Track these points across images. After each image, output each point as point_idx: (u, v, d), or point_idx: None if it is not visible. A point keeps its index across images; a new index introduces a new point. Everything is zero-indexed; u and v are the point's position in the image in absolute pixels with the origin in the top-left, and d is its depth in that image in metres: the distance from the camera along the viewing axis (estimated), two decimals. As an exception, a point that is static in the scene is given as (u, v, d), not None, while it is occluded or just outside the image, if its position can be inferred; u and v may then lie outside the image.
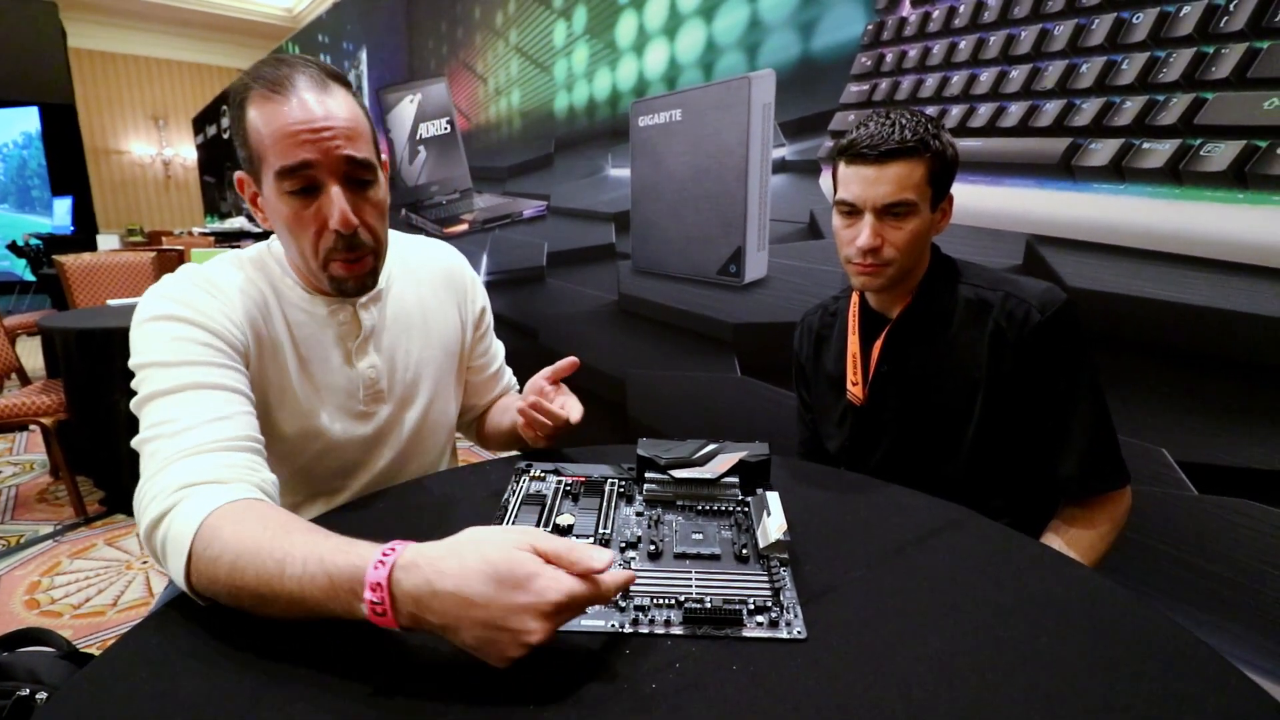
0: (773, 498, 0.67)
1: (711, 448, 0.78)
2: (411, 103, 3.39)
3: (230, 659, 0.50)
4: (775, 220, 1.82)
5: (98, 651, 0.82)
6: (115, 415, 2.21)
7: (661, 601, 0.56)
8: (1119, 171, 1.16)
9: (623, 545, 0.67)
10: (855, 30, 1.55)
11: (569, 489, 0.79)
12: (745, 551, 0.65)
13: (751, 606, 0.56)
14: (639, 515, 0.73)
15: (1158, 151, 1.11)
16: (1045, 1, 1.23)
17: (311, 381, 0.82)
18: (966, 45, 1.36)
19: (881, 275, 0.90)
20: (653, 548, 0.65)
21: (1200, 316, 1.09)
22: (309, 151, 0.69)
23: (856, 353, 1.00)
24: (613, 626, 0.53)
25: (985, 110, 1.33)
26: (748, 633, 0.53)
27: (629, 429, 2.41)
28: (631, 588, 0.58)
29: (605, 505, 0.74)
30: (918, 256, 0.92)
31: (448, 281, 0.97)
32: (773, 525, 0.63)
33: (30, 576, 1.94)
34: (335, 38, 4.46)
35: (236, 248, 0.94)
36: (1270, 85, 0.99)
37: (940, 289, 0.94)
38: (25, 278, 6.05)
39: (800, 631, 0.53)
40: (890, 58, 1.49)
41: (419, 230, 2.67)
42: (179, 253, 4.48)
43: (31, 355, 3.62)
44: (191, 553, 0.55)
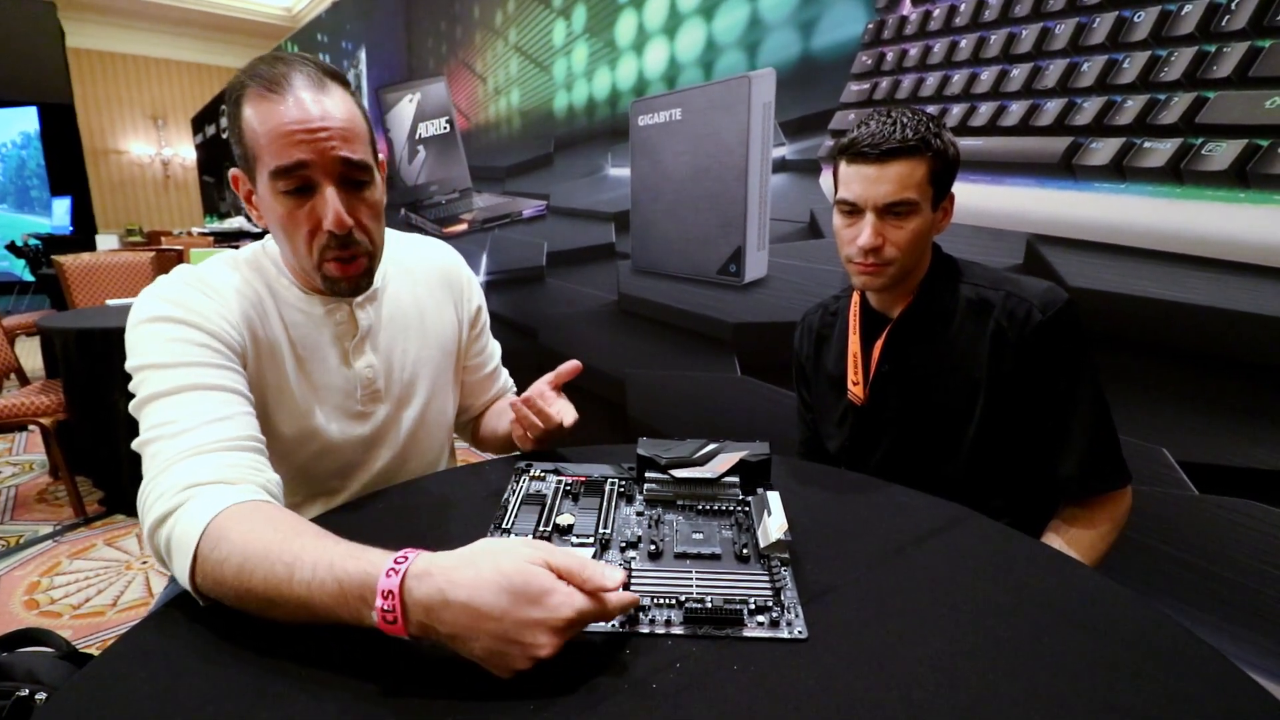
0: (773, 497, 0.67)
1: (712, 447, 0.78)
2: (411, 102, 3.38)
3: (230, 659, 0.50)
4: (775, 220, 1.81)
5: (97, 651, 0.82)
6: (114, 415, 2.21)
7: (662, 601, 0.56)
8: (1120, 171, 1.16)
9: (623, 545, 0.67)
10: (856, 29, 1.55)
11: (569, 489, 0.79)
12: (746, 551, 0.65)
13: (752, 606, 0.56)
14: (639, 515, 0.73)
15: (1159, 151, 1.11)
16: (1046, 0, 1.23)
17: (309, 382, 0.82)
18: (967, 44, 1.35)
19: (882, 275, 0.90)
20: (653, 547, 0.65)
21: (1201, 316, 1.09)
22: (304, 152, 0.69)
23: (857, 352, 1.00)
24: (613, 626, 0.53)
25: (986, 109, 1.33)
26: (748, 633, 0.53)
27: (629, 429, 2.41)
28: (633, 587, 0.58)
29: (605, 505, 0.74)
30: (919, 256, 0.92)
31: (444, 280, 0.97)
32: (773, 525, 0.63)
33: (30, 577, 1.94)
34: (334, 37, 4.46)
35: (235, 248, 0.94)
36: (1272, 84, 0.99)
37: (941, 288, 0.94)
38: (24, 278, 6.05)
39: (801, 631, 0.53)
40: (891, 56, 1.49)
41: (418, 230, 2.67)
42: (178, 253, 4.48)
43: (31, 355, 3.62)
44: (197, 553, 0.55)
